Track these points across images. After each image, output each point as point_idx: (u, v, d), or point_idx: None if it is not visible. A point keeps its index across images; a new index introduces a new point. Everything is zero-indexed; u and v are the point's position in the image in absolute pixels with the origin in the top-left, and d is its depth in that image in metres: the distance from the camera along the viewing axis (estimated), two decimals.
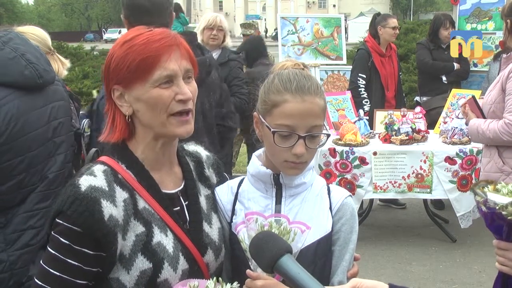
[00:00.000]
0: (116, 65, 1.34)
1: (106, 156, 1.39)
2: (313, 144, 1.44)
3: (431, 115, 5.27)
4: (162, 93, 1.32)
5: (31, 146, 2.02)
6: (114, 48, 1.37)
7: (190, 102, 1.36)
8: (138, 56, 1.31)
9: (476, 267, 4.35)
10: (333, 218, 1.52)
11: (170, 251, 1.35)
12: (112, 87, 1.37)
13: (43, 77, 2.09)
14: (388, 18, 5.60)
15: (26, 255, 2.04)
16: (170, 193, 1.43)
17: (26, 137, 2.00)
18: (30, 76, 2.03)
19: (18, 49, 2.04)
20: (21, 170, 2.00)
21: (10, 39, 2.07)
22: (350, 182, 4.60)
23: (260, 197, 1.51)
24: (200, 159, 1.59)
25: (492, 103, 3.10)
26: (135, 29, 1.39)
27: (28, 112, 2.03)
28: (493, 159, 3.11)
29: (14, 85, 2.00)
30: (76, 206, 1.24)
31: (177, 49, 1.35)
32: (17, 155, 1.98)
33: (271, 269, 1.25)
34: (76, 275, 1.27)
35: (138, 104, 1.35)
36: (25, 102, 2.02)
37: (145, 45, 1.32)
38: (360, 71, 5.45)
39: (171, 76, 1.33)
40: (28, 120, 2.01)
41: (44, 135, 2.10)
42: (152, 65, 1.31)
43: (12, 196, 2.01)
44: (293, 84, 1.42)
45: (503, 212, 1.45)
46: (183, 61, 1.35)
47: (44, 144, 2.09)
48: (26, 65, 2.02)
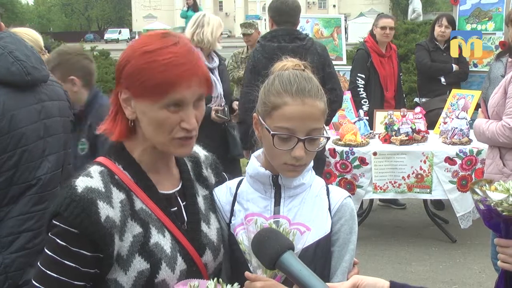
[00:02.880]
0: (131, 74, 1.29)
1: (103, 157, 1.38)
2: (313, 147, 1.43)
3: (430, 116, 5.26)
4: (168, 116, 1.29)
5: (19, 142, 2.01)
6: (132, 54, 1.30)
7: (194, 130, 1.33)
8: (156, 78, 1.25)
9: (476, 268, 4.35)
10: (332, 218, 1.51)
11: (168, 251, 1.34)
12: (122, 89, 1.33)
13: (31, 74, 2.06)
14: (380, 18, 5.63)
15: (22, 258, 2.03)
16: (168, 193, 1.42)
17: (14, 133, 1.98)
18: (17, 72, 2.01)
19: (7, 47, 2.03)
20: (10, 166, 1.98)
21: (1, 38, 2.06)
22: (350, 182, 4.59)
23: (259, 198, 1.51)
24: (198, 159, 1.58)
25: (495, 106, 3.17)
26: (159, 35, 1.32)
27: (16, 108, 2.00)
28: (495, 161, 3.18)
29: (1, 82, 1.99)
30: (73, 208, 1.24)
31: (197, 78, 1.30)
32: (3, 152, 1.96)
33: (273, 266, 1.25)
34: (73, 277, 1.26)
35: (143, 117, 1.32)
36: (12, 99, 2.00)
37: (166, 66, 1.25)
38: (359, 71, 5.45)
39: (182, 101, 1.29)
40: (16, 116, 1.99)
41: (36, 132, 2.08)
42: (167, 91, 1.26)
43: (3, 193, 1.99)
44: (294, 86, 1.41)
45: (498, 208, 1.45)
46: (200, 89, 1.32)
47: (35, 142, 2.07)
48: (13, 62, 2.01)
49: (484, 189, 1.50)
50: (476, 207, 1.55)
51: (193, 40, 4.01)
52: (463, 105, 5.01)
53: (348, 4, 71.87)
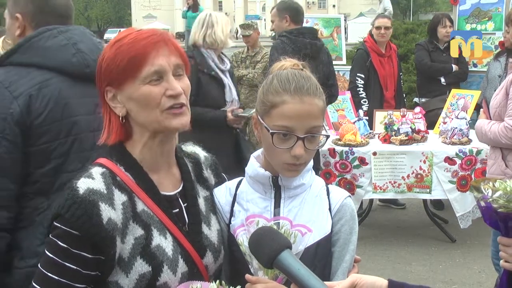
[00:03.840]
0: (107, 66, 1.34)
1: (104, 158, 1.38)
2: (312, 145, 1.43)
3: (430, 116, 5.26)
4: (152, 90, 1.32)
5: (72, 130, 1.98)
6: (105, 50, 1.37)
7: (181, 96, 1.35)
8: (127, 54, 1.31)
9: (476, 267, 4.35)
10: (333, 219, 1.51)
11: (170, 254, 1.34)
12: (105, 89, 1.37)
13: (90, 66, 2.03)
14: (377, 18, 5.69)
15: None
16: (169, 195, 1.43)
17: (66, 121, 1.96)
18: (77, 64, 2.01)
19: (72, 38, 2.03)
20: (61, 153, 1.95)
21: (68, 29, 2.06)
22: (350, 182, 4.59)
23: (259, 198, 1.51)
24: (199, 160, 1.58)
25: (497, 107, 3.18)
26: (125, 30, 1.41)
27: (71, 98, 1.99)
28: (497, 162, 3.19)
29: (60, 71, 1.99)
30: (74, 210, 1.23)
31: (165, 45, 1.35)
32: (55, 138, 1.94)
33: (270, 265, 1.24)
34: (74, 279, 1.26)
35: (130, 103, 1.34)
36: (68, 88, 1.99)
37: (133, 43, 1.32)
38: (358, 70, 5.46)
39: (160, 71, 1.32)
40: (69, 105, 1.97)
41: (89, 124, 2.03)
42: (140, 62, 1.31)
43: (51, 180, 1.94)
44: (292, 84, 1.41)
45: (494, 205, 1.46)
46: (172, 57, 1.35)
47: (87, 133, 2.03)
48: (75, 53, 2.01)
49: (483, 187, 1.50)
50: (477, 205, 1.56)
51: (206, 42, 3.90)
52: (463, 105, 5.01)
53: (347, 4, 71.77)
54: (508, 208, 1.45)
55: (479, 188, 1.50)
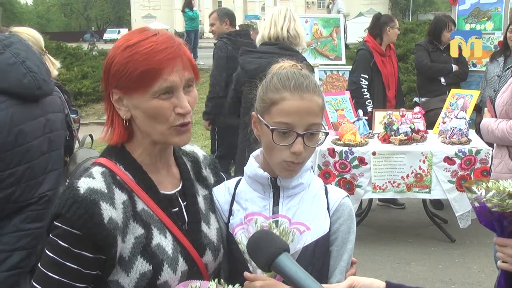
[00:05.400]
0: (117, 70, 1.30)
1: (104, 158, 1.38)
2: (312, 143, 1.44)
3: (429, 116, 5.26)
4: (161, 105, 1.30)
5: (23, 158, 1.90)
6: (116, 51, 1.32)
7: (189, 115, 1.34)
8: (140, 66, 1.27)
9: (475, 267, 4.36)
10: (331, 218, 1.52)
11: (170, 252, 1.34)
12: (111, 90, 1.34)
13: (42, 88, 1.98)
14: (394, 19, 5.65)
15: (13, 278, 1.91)
16: (169, 194, 1.43)
17: (19, 149, 1.89)
18: (28, 85, 1.93)
19: (19, 55, 1.95)
20: (11, 183, 1.88)
21: (12, 43, 1.98)
22: (349, 182, 4.60)
23: (258, 198, 1.51)
24: (197, 159, 1.58)
25: (504, 105, 3.16)
26: (139, 30, 1.35)
27: (23, 122, 1.91)
28: (504, 160, 3.18)
29: (10, 93, 1.90)
30: (75, 209, 1.23)
31: (180, 61, 1.31)
32: (7, 167, 1.86)
33: (268, 268, 1.25)
34: (75, 278, 1.26)
35: (137, 111, 1.33)
36: (20, 111, 1.91)
37: (148, 55, 1.27)
38: (362, 71, 5.39)
39: (172, 87, 1.30)
40: (22, 131, 1.90)
41: (39, 148, 1.98)
42: (153, 77, 1.27)
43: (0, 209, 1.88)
44: (292, 82, 1.42)
45: (488, 205, 1.46)
46: (186, 72, 1.32)
47: (39, 158, 1.97)
48: (26, 73, 1.93)
49: (476, 187, 1.50)
50: (472, 206, 1.55)
51: (290, 36, 3.64)
52: (462, 105, 5.01)
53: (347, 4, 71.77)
54: (502, 207, 1.45)
55: (472, 189, 1.50)
